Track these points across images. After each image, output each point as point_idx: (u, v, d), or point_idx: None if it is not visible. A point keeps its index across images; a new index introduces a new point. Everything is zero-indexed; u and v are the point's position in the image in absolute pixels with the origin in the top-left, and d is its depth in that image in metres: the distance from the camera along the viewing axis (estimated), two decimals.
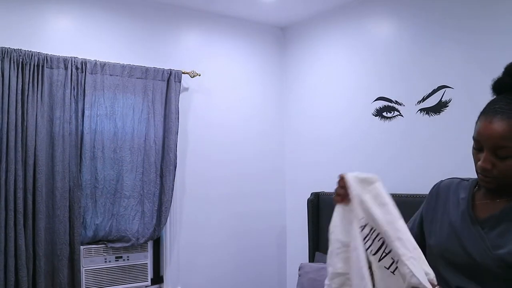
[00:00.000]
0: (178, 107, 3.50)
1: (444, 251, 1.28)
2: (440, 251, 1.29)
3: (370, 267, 1.14)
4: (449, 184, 1.38)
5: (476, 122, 1.24)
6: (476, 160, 1.23)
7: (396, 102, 3.29)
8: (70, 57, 3.10)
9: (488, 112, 1.21)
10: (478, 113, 2.93)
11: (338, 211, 1.23)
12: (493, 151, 1.16)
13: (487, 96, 3.19)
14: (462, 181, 1.36)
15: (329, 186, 3.98)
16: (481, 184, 1.24)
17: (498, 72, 3.12)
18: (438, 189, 1.40)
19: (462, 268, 1.23)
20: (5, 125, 2.85)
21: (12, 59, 2.88)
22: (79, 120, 3.13)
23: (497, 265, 1.14)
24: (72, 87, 3.10)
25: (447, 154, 2.95)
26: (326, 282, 1.20)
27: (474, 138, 1.22)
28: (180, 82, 3.54)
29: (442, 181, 1.41)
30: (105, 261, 3.23)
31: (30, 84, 2.95)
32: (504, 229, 1.17)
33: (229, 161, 3.89)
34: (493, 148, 1.16)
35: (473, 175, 1.30)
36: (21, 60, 2.92)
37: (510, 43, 2.68)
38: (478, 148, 1.21)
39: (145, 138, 3.38)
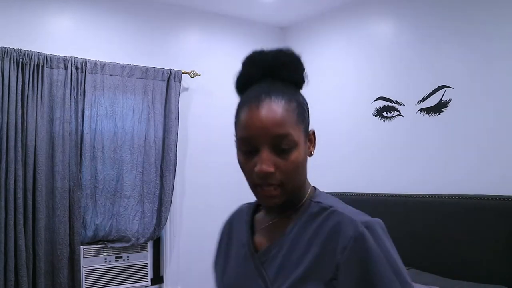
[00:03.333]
0: (178, 107, 3.50)
1: None
2: None
3: None
4: (238, 211, 1.10)
5: (236, 119, 0.91)
6: (249, 170, 0.89)
7: (396, 102, 3.29)
8: (70, 57, 3.11)
9: (250, 100, 0.88)
10: (478, 113, 2.92)
11: None
12: (273, 146, 0.86)
13: (487, 96, 3.19)
14: (249, 205, 1.09)
15: (329, 186, 3.94)
16: (266, 204, 0.93)
17: (498, 71, 3.13)
18: (229, 222, 1.12)
19: None
20: (5, 125, 2.85)
21: (12, 59, 2.88)
22: (79, 120, 3.13)
23: None
24: (72, 87, 3.10)
25: (447, 154, 2.95)
26: None
27: (241, 139, 0.89)
28: (180, 82, 3.54)
29: (235, 209, 1.13)
30: (105, 261, 3.23)
31: (30, 84, 2.95)
32: (285, 260, 0.89)
33: (229, 161, 3.87)
34: (273, 141, 0.85)
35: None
36: (21, 60, 2.92)
37: (510, 43, 2.68)
38: (248, 150, 0.88)
39: (145, 138, 3.38)
